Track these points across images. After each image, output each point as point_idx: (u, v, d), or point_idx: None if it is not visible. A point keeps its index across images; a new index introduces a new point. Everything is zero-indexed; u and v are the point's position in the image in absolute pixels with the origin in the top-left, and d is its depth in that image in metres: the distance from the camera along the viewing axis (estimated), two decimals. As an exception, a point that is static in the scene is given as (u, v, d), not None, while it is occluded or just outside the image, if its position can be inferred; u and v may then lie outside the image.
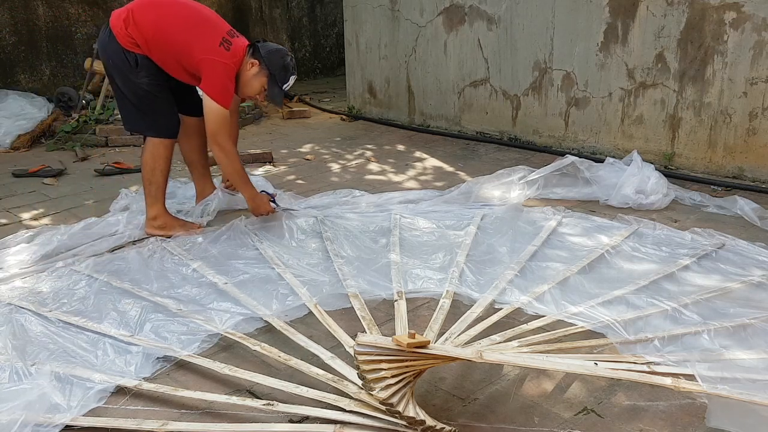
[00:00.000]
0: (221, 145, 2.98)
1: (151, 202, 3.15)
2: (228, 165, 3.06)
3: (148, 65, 2.97)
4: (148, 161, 3.12)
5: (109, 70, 3.07)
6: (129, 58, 2.95)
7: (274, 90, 3.05)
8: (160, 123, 3.10)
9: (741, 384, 1.75)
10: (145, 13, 2.94)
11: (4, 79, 5.97)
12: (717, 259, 2.70)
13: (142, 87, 3.00)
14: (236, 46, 2.98)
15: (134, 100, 3.05)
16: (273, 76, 3.02)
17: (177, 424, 1.76)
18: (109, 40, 2.98)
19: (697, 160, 3.96)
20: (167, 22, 2.93)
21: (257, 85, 3.04)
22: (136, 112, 3.09)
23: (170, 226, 3.15)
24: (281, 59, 3.03)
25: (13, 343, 2.14)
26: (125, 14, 2.95)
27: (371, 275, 2.62)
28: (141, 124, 3.14)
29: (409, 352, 1.62)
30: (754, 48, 3.61)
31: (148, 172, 3.12)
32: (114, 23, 2.97)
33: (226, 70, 2.94)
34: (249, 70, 3.01)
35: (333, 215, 3.30)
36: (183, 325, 2.27)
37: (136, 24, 2.92)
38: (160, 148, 3.11)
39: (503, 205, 3.40)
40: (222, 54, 2.93)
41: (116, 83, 3.07)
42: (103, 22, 3.30)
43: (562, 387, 1.95)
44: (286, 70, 3.05)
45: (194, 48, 2.91)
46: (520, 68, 4.72)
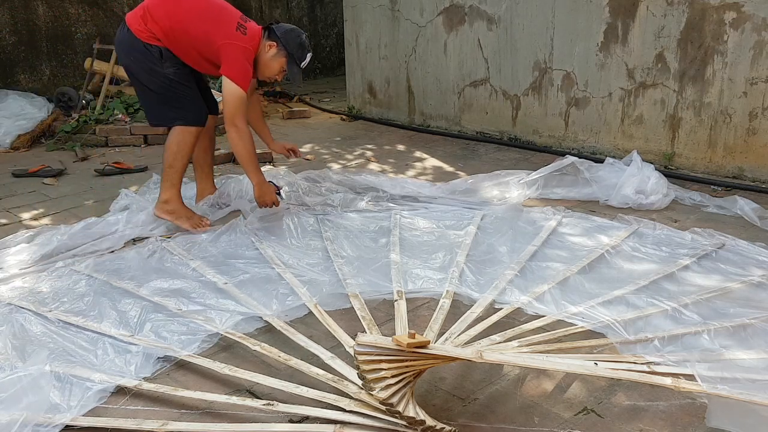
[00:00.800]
0: (237, 126, 3.01)
1: (167, 186, 3.19)
2: (242, 146, 3.06)
3: (171, 56, 3.03)
4: (172, 146, 3.16)
5: (132, 68, 3.10)
6: (152, 50, 3.00)
7: (294, 69, 3.13)
8: (187, 111, 3.14)
9: (741, 384, 1.75)
10: (160, 7, 2.99)
11: (4, 79, 5.97)
12: (717, 259, 2.70)
13: (168, 77, 3.05)
14: (252, 30, 3.05)
15: (160, 91, 3.09)
16: (291, 55, 3.09)
17: (177, 424, 1.76)
18: (128, 38, 3.02)
19: (697, 160, 3.96)
20: (183, 14, 2.99)
21: (276, 66, 3.12)
22: (162, 104, 3.12)
23: (178, 214, 3.18)
24: (297, 38, 3.10)
25: (13, 343, 2.14)
26: (141, 12, 3.01)
27: (371, 275, 2.62)
28: (169, 116, 3.17)
29: (409, 352, 1.61)
30: (754, 48, 3.61)
31: (170, 156, 3.16)
32: (131, 22, 3.03)
33: (245, 53, 3.01)
34: (267, 52, 3.07)
35: (335, 215, 3.31)
36: (183, 325, 2.27)
37: (154, 19, 2.98)
38: (187, 135, 3.15)
39: (503, 205, 3.40)
40: (240, 38, 2.99)
41: (139, 79, 3.10)
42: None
43: (562, 387, 1.95)
44: (303, 48, 3.12)
45: (213, 36, 2.97)
46: (520, 68, 4.72)
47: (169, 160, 3.16)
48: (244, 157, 3.10)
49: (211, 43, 2.99)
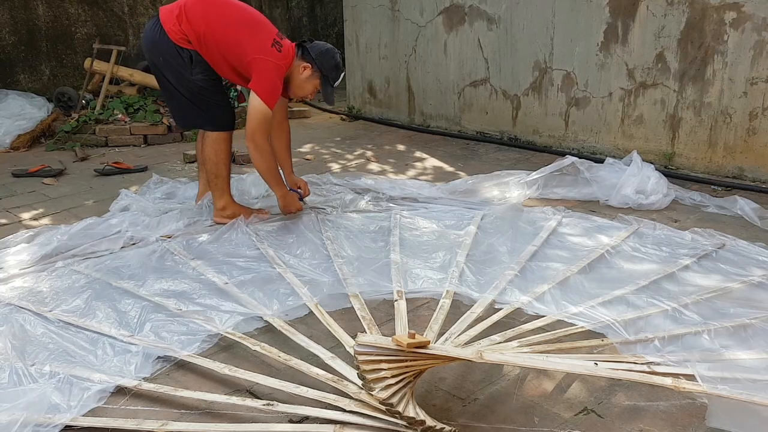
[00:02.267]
0: (257, 143, 3.00)
1: (219, 194, 3.23)
2: (262, 162, 3.07)
3: (201, 61, 3.00)
4: (211, 157, 3.17)
5: (160, 68, 3.07)
6: (183, 54, 2.97)
7: (328, 90, 3.13)
8: (217, 116, 3.15)
9: (741, 384, 1.75)
10: (197, 10, 2.95)
11: (4, 79, 5.97)
12: (717, 259, 2.70)
13: (197, 83, 3.03)
14: (286, 48, 3.02)
15: (189, 96, 3.07)
16: (326, 77, 3.08)
17: (177, 424, 1.76)
18: (160, 37, 2.98)
19: (697, 160, 3.96)
20: (220, 21, 2.95)
21: (310, 88, 3.12)
22: (191, 108, 3.12)
23: (236, 215, 3.22)
24: (332, 59, 3.09)
25: (13, 343, 2.14)
26: (177, 11, 2.96)
27: (371, 275, 2.62)
28: (198, 120, 3.18)
29: (409, 352, 1.61)
30: (754, 48, 3.61)
31: (212, 166, 3.19)
32: (165, 19, 2.97)
33: (278, 71, 2.98)
34: (302, 73, 3.06)
35: (336, 216, 3.32)
36: (183, 325, 2.26)
37: (189, 21, 2.93)
38: (221, 143, 3.16)
39: (503, 205, 3.40)
40: (274, 54, 2.96)
41: (168, 80, 3.08)
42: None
43: (562, 387, 1.94)
44: (337, 70, 3.12)
45: (246, 47, 2.94)
46: (520, 68, 4.72)
47: (213, 170, 3.19)
48: (265, 173, 3.13)
49: (243, 55, 2.94)
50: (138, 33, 6.79)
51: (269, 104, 2.94)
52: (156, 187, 3.72)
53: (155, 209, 3.37)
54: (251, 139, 2.99)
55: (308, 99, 3.23)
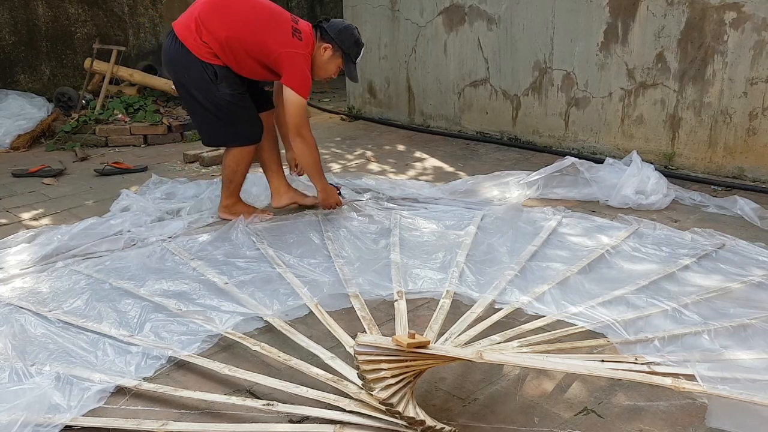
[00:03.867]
0: (303, 136, 3.05)
1: (228, 194, 3.29)
2: (308, 156, 3.13)
3: (227, 75, 2.99)
4: (231, 164, 3.21)
5: (186, 84, 3.04)
6: (208, 70, 2.96)
7: (350, 67, 3.14)
8: (243, 132, 3.15)
9: (741, 384, 1.75)
10: (213, 17, 2.92)
11: (4, 79, 5.97)
12: (717, 259, 2.70)
13: (225, 98, 3.02)
14: (306, 34, 3.04)
15: (217, 111, 3.06)
16: (347, 55, 3.09)
17: (177, 424, 1.76)
18: (182, 54, 2.95)
19: (697, 160, 3.96)
20: (237, 22, 2.93)
21: (333, 67, 3.14)
22: (218, 124, 3.10)
23: (240, 213, 3.26)
24: (351, 35, 3.10)
25: (13, 344, 2.14)
26: (194, 24, 2.92)
27: (372, 275, 2.62)
28: (224, 138, 3.18)
29: (409, 352, 1.62)
30: (754, 48, 3.61)
31: (229, 173, 3.23)
32: (183, 35, 2.94)
33: (305, 61, 3.01)
34: (323, 54, 3.07)
35: (335, 219, 3.32)
36: (183, 325, 2.27)
37: (208, 30, 2.91)
38: (244, 155, 3.20)
39: (503, 205, 3.40)
40: (297, 45, 2.98)
41: (194, 97, 3.05)
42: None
43: (562, 387, 1.94)
44: (358, 45, 3.13)
45: (270, 44, 2.94)
46: (520, 68, 4.72)
47: (229, 176, 3.23)
48: (310, 166, 3.17)
49: (268, 52, 2.95)
50: (138, 33, 6.79)
51: (304, 95, 2.99)
52: (156, 187, 3.72)
53: (155, 209, 3.37)
54: (298, 133, 3.04)
55: (333, 77, 3.24)
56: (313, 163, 3.17)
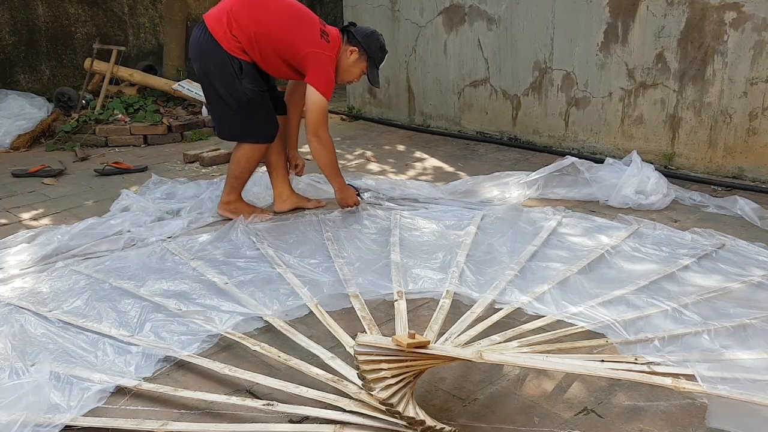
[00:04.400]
0: (320, 136, 3.09)
1: (230, 190, 3.30)
2: (324, 156, 3.16)
3: (251, 71, 3.02)
4: (241, 161, 3.22)
5: (210, 77, 3.07)
6: (234, 65, 2.99)
7: (374, 72, 3.19)
8: (260, 129, 3.17)
9: (741, 384, 1.75)
10: (243, 12, 2.97)
11: (4, 79, 5.97)
12: (717, 259, 2.70)
13: (246, 93, 3.05)
14: (333, 36, 3.09)
15: (237, 107, 3.08)
16: (372, 59, 3.14)
17: (177, 424, 1.76)
18: (211, 46, 2.98)
19: (697, 160, 3.96)
20: (268, 19, 2.98)
21: (357, 71, 3.19)
22: (236, 119, 3.12)
23: (240, 211, 3.27)
24: (377, 41, 3.16)
25: (13, 344, 2.14)
26: (225, 17, 2.96)
27: (372, 275, 2.62)
28: (240, 132, 3.19)
29: (409, 352, 1.62)
30: (754, 48, 3.61)
31: (237, 169, 3.24)
32: (214, 27, 2.98)
33: (331, 62, 3.05)
34: (349, 57, 3.12)
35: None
36: (183, 325, 2.27)
37: (238, 24, 2.95)
38: (256, 152, 3.21)
39: (503, 205, 3.40)
40: (325, 46, 3.02)
41: (217, 90, 3.08)
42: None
43: (562, 387, 1.94)
44: (383, 51, 3.19)
45: (298, 43, 2.98)
46: (520, 68, 4.72)
47: (236, 172, 3.25)
48: (326, 166, 3.20)
49: (296, 51, 2.99)
50: (138, 33, 6.79)
51: (327, 96, 3.02)
52: (155, 187, 3.72)
53: (155, 209, 3.37)
54: (314, 133, 3.07)
55: (356, 81, 3.29)
56: (330, 163, 3.20)
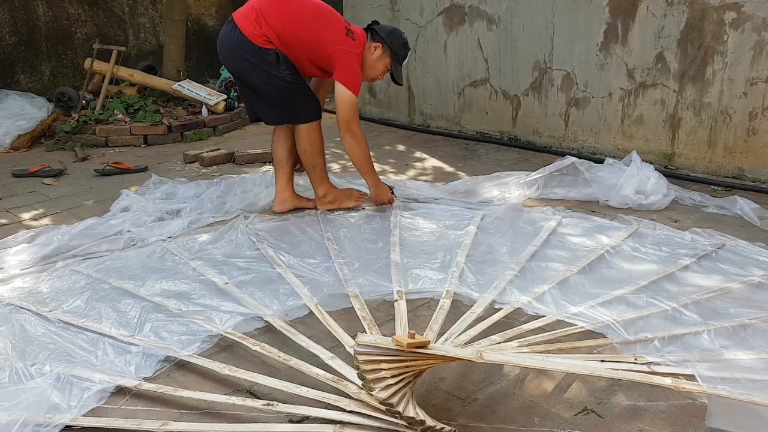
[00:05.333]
0: (353, 131, 3.14)
1: (319, 182, 3.35)
2: (358, 151, 3.20)
3: (286, 59, 3.08)
4: (306, 149, 3.27)
5: (244, 71, 3.12)
6: (269, 55, 3.04)
7: (397, 68, 3.24)
8: (306, 109, 3.22)
9: (741, 384, 1.75)
10: (271, 10, 3.03)
11: (4, 79, 5.97)
12: (717, 260, 2.70)
13: (286, 79, 3.10)
14: (358, 34, 3.16)
15: (278, 94, 3.14)
16: (396, 55, 3.20)
17: (177, 424, 1.76)
18: (242, 42, 3.04)
19: (697, 160, 3.96)
20: (295, 18, 3.04)
21: (381, 67, 3.23)
22: (280, 105, 3.19)
23: (339, 200, 3.38)
24: (400, 38, 3.22)
25: (13, 344, 2.14)
26: (254, 15, 3.03)
27: (372, 275, 2.62)
28: (287, 116, 3.24)
29: (409, 353, 1.62)
30: (754, 48, 3.61)
31: (309, 158, 3.29)
32: (243, 24, 3.04)
33: (357, 58, 3.11)
34: (373, 53, 3.18)
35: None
36: (183, 325, 2.27)
37: (267, 22, 3.01)
38: (314, 133, 3.25)
39: (503, 206, 3.40)
40: (350, 43, 3.08)
41: (252, 82, 3.14)
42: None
43: (562, 387, 1.95)
44: (406, 47, 3.25)
45: (324, 41, 3.04)
46: (520, 68, 4.72)
47: (311, 162, 3.29)
48: (360, 162, 3.24)
49: (322, 49, 3.05)
50: (138, 33, 6.79)
51: (355, 92, 3.07)
52: (156, 187, 3.72)
53: (155, 209, 3.37)
54: (347, 129, 3.12)
55: (379, 79, 3.34)
56: (364, 159, 3.24)
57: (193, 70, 6.95)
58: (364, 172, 3.31)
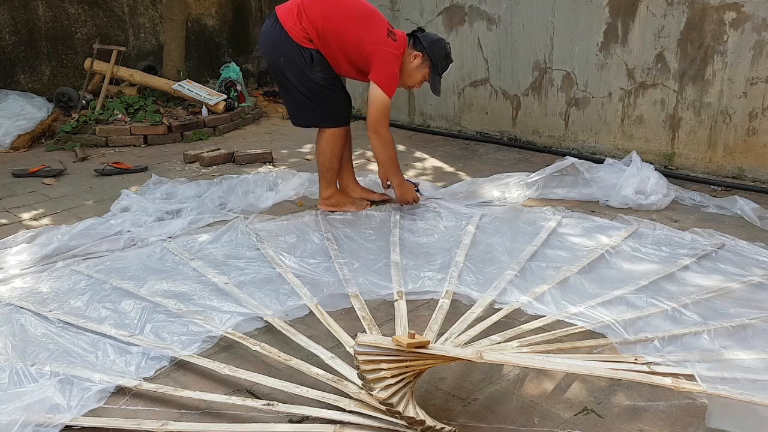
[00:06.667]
0: (380, 133, 3.13)
1: (326, 185, 3.37)
2: (383, 152, 3.21)
3: (321, 60, 3.08)
4: (326, 151, 3.27)
5: (281, 67, 3.12)
6: (304, 54, 3.04)
7: (436, 79, 3.21)
8: (335, 114, 3.23)
9: (741, 384, 1.75)
10: (314, 6, 3.02)
11: (4, 79, 5.97)
12: (717, 259, 2.70)
13: (317, 82, 3.10)
14: (400, 37, 3.13)
15: (308, 94, 3.14)
16: (435, 66, 3.16)
17: (177, 424, 1.76)
18: (282, 37, 3.04)
19: (697, 160, 3.96)
20: (337, 15, 3.02)
21: (419, 76, 3.20)
22: (310, 106, 3.19)
23: (342, 204, 3.38)
24: (443, 49, 3.18)
25: (13, 344, 2.14)
26: (296, 10, 3.03)
27: (371, 275, 2.62)
28: (315, 118, 3.25)
29: (409, 352, 1.62)
30: (754, 48, 3.61)
31: (326, 160, 3.29)
32: (285, 19, 3.04)
33: (396, 60, 3.08)
34: (412, 62, 3.15)
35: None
36: (183, 326, 2.27)
37: (308, 18, 3.01)
38: (337, 139, 3.26)
39: (503, 206, 3.40)
40: (391, 44, 3.05)
41: (289, 80, 3.14)
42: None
43: (562, 387, 1.95)
44: (447, 59, 3.21)
45: (364, 40, 3.02)
46: (520, 68, 4.72)
47: (326, 164, 3.30)
48: (386, 162, 3.25)
49: (361, 48, 3.03)
50: (138, 33, 6.79)
51: (389, 94, 3.05)
52: (156, 187, 3.72)
53: (155, 209, 3.37)
54: (374, 130, 3.11)
55: (416, 88, 3.34)
56: (390, 160, 3.24)
57: (193, 70, 6.95)
58: (389, 173, 3.31)
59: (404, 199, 3.36)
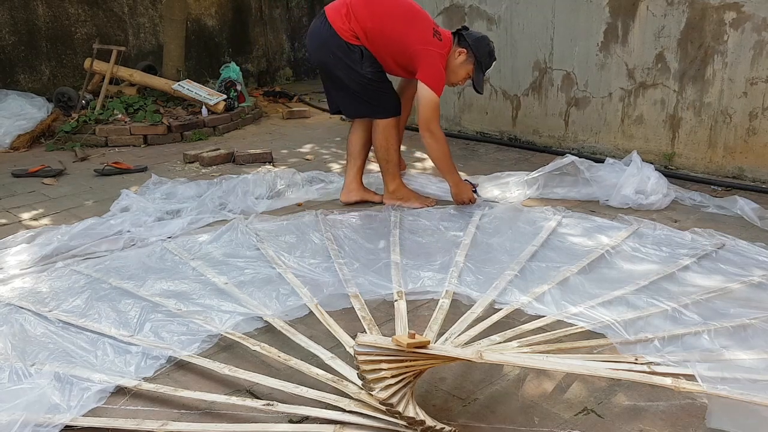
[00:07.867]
0: (433, 131, 3.17)
1: (390, 178, 3.42)
2: (437, 150, 3.24)
3: (370, 56, 3.14)
4: (381, 143, 3.33)
5: (330, 65, 3.19)
6: (354, 50, 3.10)
7: (479, 76, 3.25)
8: (385, 105, 3.29)
9: (741, 384, 1.75)
10: (362, 7, 3.08)
11: (4, 79, 5.97)
12: (717, 260, 2.70)
13: (367, 77, 3.16)
14: (445, 36, 3.18)
15: (358, 89, 3.21)
16: (479, 63, 3.20)
17: (177, 424, 1.76)
18: (330, 36, 3.11)
19: (697, 160, 3.96)
20: (385, 15, 3.08)
21: (463, 73, 3.25)
22: (360, 100, 3.26)
23: (407, 198, 3.42)
24: (487, 46, 3.22)
25: (13, 344, 2.14)
26: (345, 9, 3.10)
27: (371, 275, 2.62)
28: (366, 110, 3.32)
29: (409, 353, 1.61)
30: (754, 48, 3.61)
31: (383, 152, 3.35)
32: (334, 18, 3.11)
33: (442, 59, 3.13)
34: (457, 58, 3.19)
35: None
36: (183, 325, 2.27)
37: (356, 18, 3.07)
38: (390, 129, 3.31)
39: (503, 205, 3.40)
40: (436, 44, 3.10)
41: (337, 75, 3.20)
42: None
43: (562, 387, 1.94)
44: (491, 57, 3.25)
45: (410, 40, 3.07)
46: (520, 68, 4.72)
47: (385, 156, 3.35)
48: (440, 161, 3.28)
49: (407, 48, 3.08)
50: (138, 33, 6.79)
51: (437, 92, 3.10)
52: (155, 187, 3.72)
53: (155, 209, 3.37)
54: (426, 128, 3.15)
55: (460, 84, 3.38)
56: (444, 158, 3.27)
57: (193, 70, 6.96)
58: (444, 171, 3.33)
59: (459, 198, 3.37)
